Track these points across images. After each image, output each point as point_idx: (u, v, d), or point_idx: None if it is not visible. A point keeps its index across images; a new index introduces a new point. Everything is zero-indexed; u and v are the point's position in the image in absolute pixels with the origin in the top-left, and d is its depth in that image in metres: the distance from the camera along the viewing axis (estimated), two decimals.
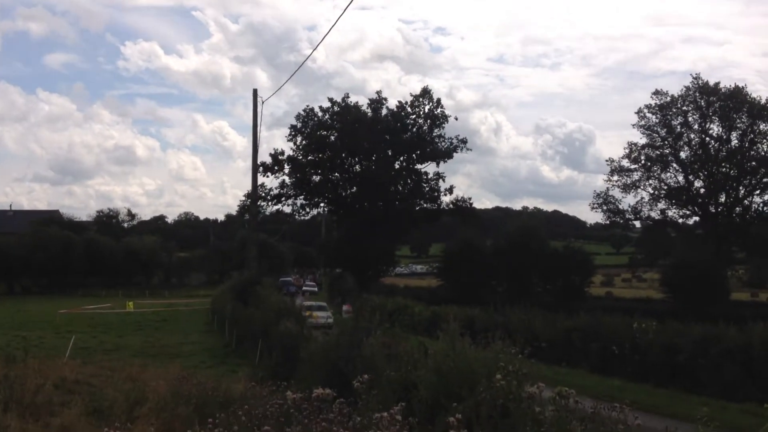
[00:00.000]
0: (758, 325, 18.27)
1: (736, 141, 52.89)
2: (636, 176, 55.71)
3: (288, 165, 57.91)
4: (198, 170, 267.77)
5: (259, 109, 37.22)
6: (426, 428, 5.96)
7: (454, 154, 59.48)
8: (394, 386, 7.38)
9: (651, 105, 54.97)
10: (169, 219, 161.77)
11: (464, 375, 6.77)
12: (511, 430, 5.33)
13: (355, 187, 59.18)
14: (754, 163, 52.05)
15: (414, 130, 58.43)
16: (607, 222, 60.14)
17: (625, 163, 55.95)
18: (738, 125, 52.60)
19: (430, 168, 59.35)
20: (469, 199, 60.75)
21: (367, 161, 58.64)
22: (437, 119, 58.57)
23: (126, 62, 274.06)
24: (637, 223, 61.02)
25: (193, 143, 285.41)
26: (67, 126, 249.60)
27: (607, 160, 57.05)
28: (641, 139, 55.80)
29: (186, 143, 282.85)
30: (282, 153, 58.12)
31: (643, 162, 55.48)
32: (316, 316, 32.28)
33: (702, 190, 54.08)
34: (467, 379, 6.65)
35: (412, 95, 59.21)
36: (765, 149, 52.25)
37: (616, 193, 56.38)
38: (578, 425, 5.40)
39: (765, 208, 52.65)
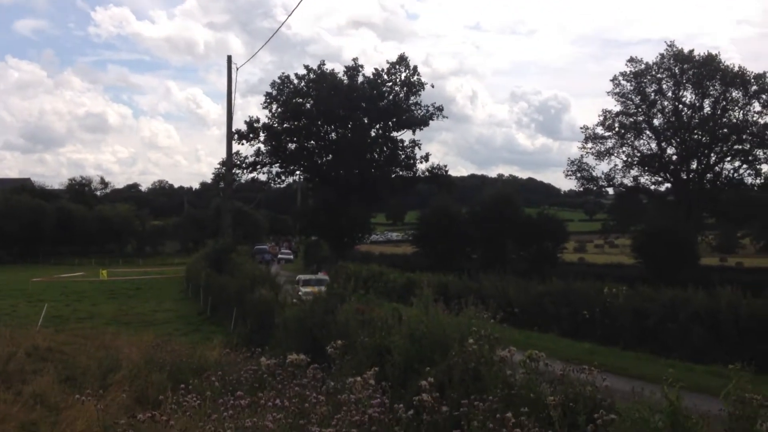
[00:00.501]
0: (726, 290, 18.63)
1: (709, 108, 53.36)
2: (610, 144, 56.13)
3: (263, 133, 57.42)
4: (172, 138, 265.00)
5: (233, 76, 36.89)
6: (399, 392, 6.01)
7: (430, 121, 59.47)
8: (368, 351, 7.44)
9: (626, 72, 55.17)
10: (143, 187, 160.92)
11: (437, 340, 6.83)
12: (482, 392, 5.40)
13: (330, 155, 58.93)
14: (725, 130, 52.59)
15: (390, 97, 58.14)
16: (581, 189, 60.61)
17: (600, 130, 56.25)
18: (711, 93, 53.01)
19: (406, 135, 59.34)
20: (445, 166, 61.05)
21: (343, 129, 58.34)
22: (413, 87, 58.28)
23: (97, 28, 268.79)
24: (611, 190, 61.52)
25: (167, 110, 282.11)
26: (37, 93, 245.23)
27: (581, 128, 57.19)
28: (616, 107, 56.04)
29: (159, 110, 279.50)
30: (257, 120, 57.59)
31: (617, 129, 55.82)
32: (318, 291, 29.20)
33: (674, 157, 54.62)
34: (440, 344, 6.71)
35: (388, 62, 58.83)
36: (736, 116, 52.79)
37: (590, 160, 56.78)
38: (547, 387, 5.50)
39: (735, 175, 53.45)
